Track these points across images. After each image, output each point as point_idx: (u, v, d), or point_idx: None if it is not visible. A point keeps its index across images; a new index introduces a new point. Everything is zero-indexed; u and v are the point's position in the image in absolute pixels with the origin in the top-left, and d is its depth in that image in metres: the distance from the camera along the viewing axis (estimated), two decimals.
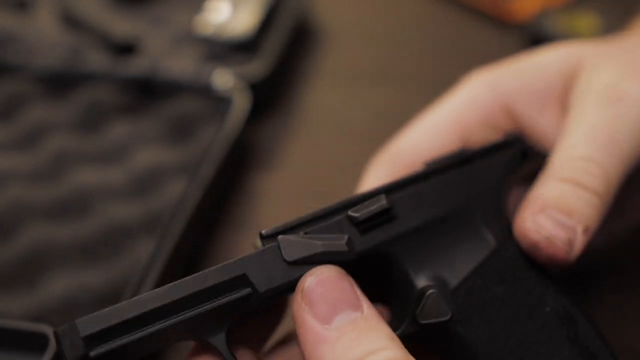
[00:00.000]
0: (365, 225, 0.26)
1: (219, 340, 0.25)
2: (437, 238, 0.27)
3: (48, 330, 0.34)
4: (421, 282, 0.26)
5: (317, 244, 0.25)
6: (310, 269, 0.25)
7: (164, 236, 0.39)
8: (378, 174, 0.33)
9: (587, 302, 0.39)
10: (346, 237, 0.25)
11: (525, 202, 0.28)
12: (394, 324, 0.26)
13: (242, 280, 0.24)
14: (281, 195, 0.48)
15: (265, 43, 0.58)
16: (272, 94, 0.58)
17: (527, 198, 0.28)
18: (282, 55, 0.58)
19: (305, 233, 0.26)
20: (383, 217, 0.26)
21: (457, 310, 0.26)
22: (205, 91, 0.53)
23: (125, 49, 0.58)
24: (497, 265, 0.27)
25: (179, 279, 0.24)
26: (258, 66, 0.54)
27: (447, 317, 0.25)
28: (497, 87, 0.33)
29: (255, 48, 0.57)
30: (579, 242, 0.26)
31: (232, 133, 0.47)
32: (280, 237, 0.25)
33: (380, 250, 0.26)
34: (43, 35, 0.61)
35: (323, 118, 0.56)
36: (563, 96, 0.32)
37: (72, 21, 0.63)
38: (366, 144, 0.53)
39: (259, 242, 0.26)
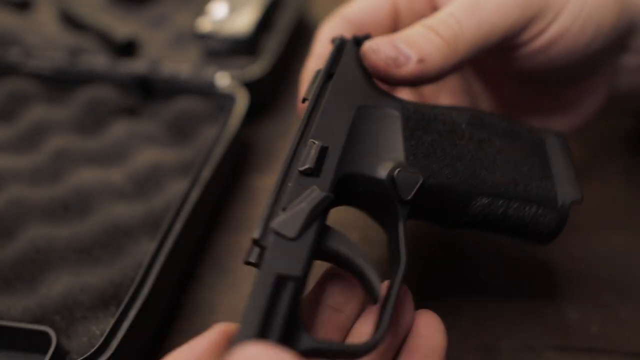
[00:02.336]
0: (316, 168, 0.29)
1: None
2: (363, 140, 0.31)
3: (49, 330, 0.34)
4: (381, 173, 0.31)
5: (302, 208, 0.27)
6: (314, 226, 0.27)
7: (164, 236, 0.39)
8: (328, 34, 0.38)
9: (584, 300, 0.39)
10: (314, 186, 0.28)
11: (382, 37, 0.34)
12: (391, 224, 0.31)
13: (281, 281, 0.25)
14: None
15: (265, 43, 0.58)
16: (271, 94, 0.58)
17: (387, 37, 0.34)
18: (282, 55, 0.58)
19: (284, 209, 0.27)
20: (323, 154, 0.29)
21: (421, 171, 0.31)
22: (205, 91, 0.53)
23: (125, 49, 0.58)
24: (413, 122, 0.33)
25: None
26: (258, 66, 0.54)
27: (422, 179, 0.31)
28: None
29: (254, 48, 0.57)
30: (410, 66, 0.33)
31: (232, 133, 0.47)
32: (271, 225, 0.27)
33: (339, 175, 0.29)
34: (43, 35, 0.61)
35: None
36: None
37: (72, 21, 0.63)
38: None
39: (254, 251, 0.27)
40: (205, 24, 0.57)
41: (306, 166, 0.28)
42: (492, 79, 0.41)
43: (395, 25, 0.39)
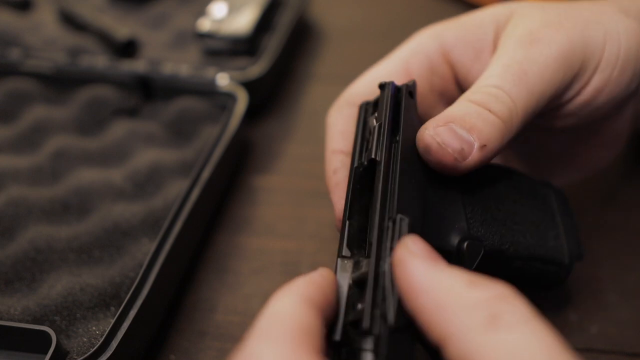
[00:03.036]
0: None
1: None
2: (431, 207, 0.30)
3: (49, 330, 0.34)
4: (451, 244, 0.30)
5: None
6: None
7: (164, 236, 0.39)
8: (338, 120, 0.36)
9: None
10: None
11: (433, 119, 0.31)
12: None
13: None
14: (280, 195, 0.48)
15: (265, 43, 0.58)
16: (271, 94, 0.58)
17: (436, 116, 0.31)
18: (282, 55, 0.58)
19: (383, 299, 0.24)
20: (411, 230, 0.26)
21: (484, 240, 0.30)
22: (205, 91, 0.53)
23: (125, 49, 0.58)
24: (468, 189, 0.32)
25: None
26: (257, 66, 0.54)
27: (483, 249, 0.30)
28: (439, 37, 0.36)
29: (254, 48, 0.57)
30: (474, 155, 0.29)
31: (232, 133, 0.47)
32: (380, 314, 0.23)
33: None
34: (43, 35, 0.61)
35: (322, 118, 0.56)
36: (495, 45, 0.35)
37: (72, 21, 0.63)
38: None
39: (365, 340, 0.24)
40: (205, 24, 0.57)
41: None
42: (528, 134, 0.38)
43: None
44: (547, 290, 0.36)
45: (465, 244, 0.30)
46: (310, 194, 0.48)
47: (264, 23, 0.59)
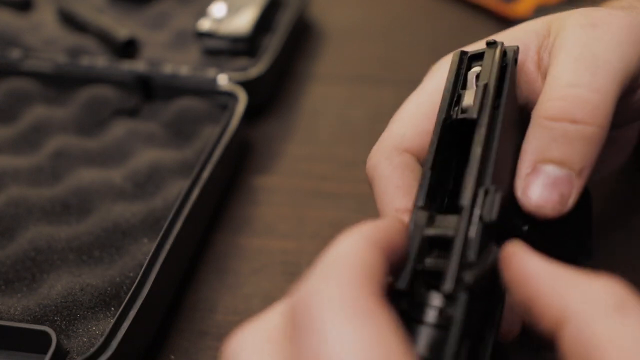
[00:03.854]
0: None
1: None
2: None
3: (49, 330, 0.34)
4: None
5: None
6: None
7: (164, 236, 0.39)
8: (393, 172, 0.31)
9: None
10: (494, 247, 0.25)
11: (519, 162, 0.27)
12: None
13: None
14: (281, 195, 0.48)
15: (265, 43, 0.58)
16: (271, 94, 0.58)
17: (520, 156, 0.28)
18: (282, 55, 0.58)
19: (470, 265, 0.24)
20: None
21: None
22: (205, 91, 0.53)
23: (125, 49, 0.58)
24: None
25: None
26: (257, 66, 0.54)
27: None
28: None
29: (254, 48, 0.57)
30: (575, 187, 0.26)
31: (232, 133, 0.47)
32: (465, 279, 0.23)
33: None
34: (43, 35, 0.61)
35: (322, 118, 0.56)
36: (537, 57, 0.31)
37: (72, 21, 0.63)
38: (366, 144, 0.53)
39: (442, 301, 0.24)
40: (205, 24, 0.57)
41: (492, 219, 0.25)
42: None
43: None
44: None
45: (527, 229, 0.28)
46: (310, 194, 0.48)
47: (264, 23, 0.59)
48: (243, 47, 0.57)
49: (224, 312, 0.40)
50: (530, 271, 0.22)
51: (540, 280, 0.22)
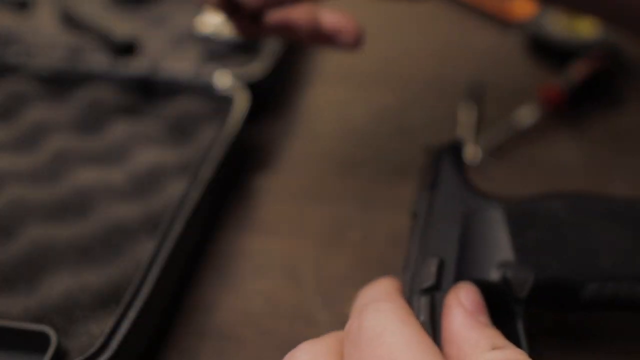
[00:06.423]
0: (438, 283, 0.30)
1: None
2: (473, 245, 0.33)
3: (49, 330, 0.34)
4: (494, 275, 0.31)
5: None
6: None
7: (164, 236, 0.39)
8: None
9: None
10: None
11: None
12: (508, 322, 0.31)
13: None
14: (281, 195, 0.48)
15: (265, 43, 0.58)
16: (271, 94, 0.58)
17: None
18: (282, 55, 0.58)
19: None
20: (441, 267, 0.31)
21: (531, 267, 0.32)
22: (205, 91, 0.53)
23: (125, 49, 0.58)
24: (516, 221, 0.33)
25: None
26: (258, 66, 0.54)
27: (533, 275, 0.31)
28: None
29: (254, 48, 0.57)
30: None
31: (232, 133, 0.47)
32: None
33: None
34: (43, 35, 0.61)
35: (323, 118, 0.56)
36: None
37: (72, 21, 0.63)
38: (366, 144, 0.53)
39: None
40: (205, 25, 0.57)
41: (429, 283, 0.30)
42: None
43: None
44: None
45: (509, 272, 0.31)
46: (310, 194, 0.48)
47: None
48: (243, 47, 0.57)
49: (224, 312, 0.40)
50: (450, 330, 0.27)
51: (453, 341, 0.26)
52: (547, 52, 0.60)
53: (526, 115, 0.53)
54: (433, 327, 0.28)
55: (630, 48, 0.59)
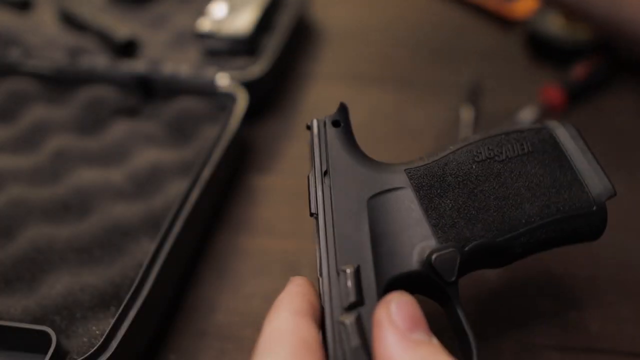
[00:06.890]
0: (359, 298, 0.27)
1: None
2: (386, 234, 0.29)
3: (49, 330, 0.34)
4: (417, 265, 0.29)
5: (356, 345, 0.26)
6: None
7: (164, 236, 0.39)
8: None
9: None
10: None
11: None
12: (447, 304, 0.30)
13: None
14: (280, 195, 0.48)
15: (265, 43, 0.58)
16: (271, 94, 0.58)
17: None
18: (282, 56, 0.58)
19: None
20: (359, 277, 0.27)
21: (454, 244, 0.29)
22: (205, 91, 0.53)
23: (125, 49, 0.58)
24: (426, 190, 0.31)
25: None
26: (257, 66, 0.54)
27: (459, 255, 0.29)
28: None
29: (254, 48, 0.57)
30: None
31: (232, 133, 0.47)
32: None
33: (381, 289, 0.28)
34: (43, 35, 0.61)
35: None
36: None
37: (72, 21, 0.63)
38: (366, 144, 0.53)
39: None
40: (205, 24, 0.57)
41: (350, 300, 0.26)
42: None
43: None
44: (593, 239, 0.32)
45: (433, 258, 0.28)
46: None
47: (264, 23, 0.59)
48: (243, 47, 0.57)
49: (224, 312, 0.40)
50: (382, 348, 0.25)
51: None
52: (547, 52, 0.60)
53: (526, 114, 0.53)
54: (367, 350, 0.25)
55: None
